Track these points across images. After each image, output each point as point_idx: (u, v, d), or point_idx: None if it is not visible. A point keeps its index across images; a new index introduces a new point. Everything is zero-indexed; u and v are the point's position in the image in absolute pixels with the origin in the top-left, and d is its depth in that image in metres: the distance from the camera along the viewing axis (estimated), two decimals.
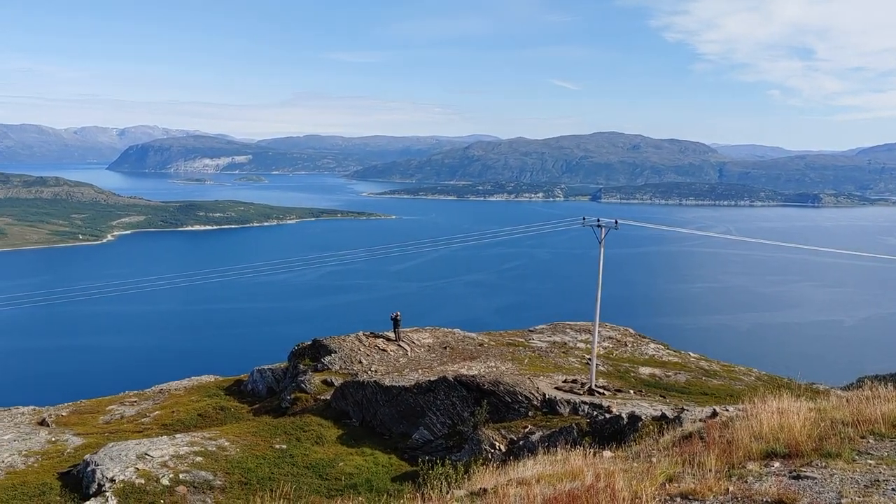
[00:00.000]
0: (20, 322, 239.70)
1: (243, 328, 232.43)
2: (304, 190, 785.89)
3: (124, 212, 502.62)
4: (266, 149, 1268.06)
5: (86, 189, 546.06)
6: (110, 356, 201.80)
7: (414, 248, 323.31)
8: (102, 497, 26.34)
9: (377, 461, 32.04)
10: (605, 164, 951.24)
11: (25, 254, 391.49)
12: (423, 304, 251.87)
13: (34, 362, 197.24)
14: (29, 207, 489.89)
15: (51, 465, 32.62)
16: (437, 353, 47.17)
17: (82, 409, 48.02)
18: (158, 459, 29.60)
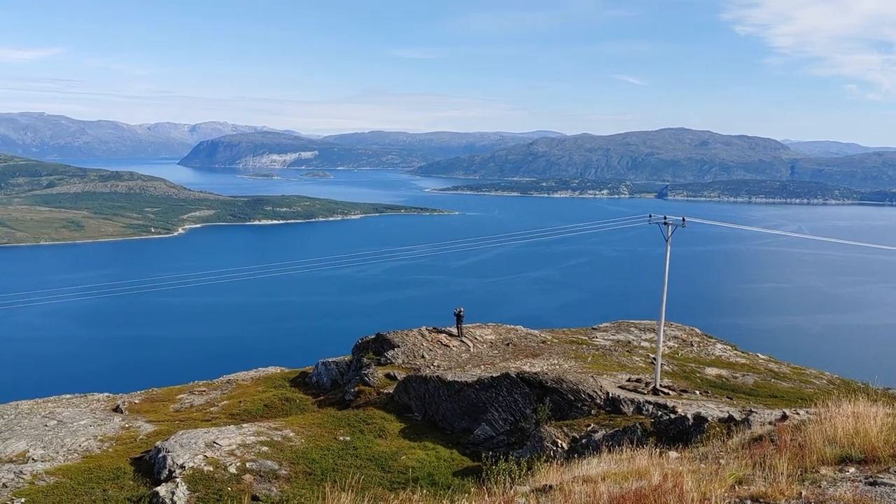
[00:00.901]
0: (96, 312, 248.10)
1: (308, 321, 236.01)
2: (369, 185, 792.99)
3: (195, 206, 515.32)
4: (332, 145, 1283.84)
5: (158, 183, 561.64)
6: (181, 346, 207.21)
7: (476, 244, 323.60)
8: (173, 483, 27.09)
9: (439, 455, 32.18)
10: (672, 161, 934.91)
11: (101, 246, 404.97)
12: (486, 300, 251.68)
13: (109, 351, 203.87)
14: (105, 201, 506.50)
15: (124, 450, 33.67)
16: (500, 350, 47.11)
17: (154, 397, 49.43)
18: (226, 448, 30.29)
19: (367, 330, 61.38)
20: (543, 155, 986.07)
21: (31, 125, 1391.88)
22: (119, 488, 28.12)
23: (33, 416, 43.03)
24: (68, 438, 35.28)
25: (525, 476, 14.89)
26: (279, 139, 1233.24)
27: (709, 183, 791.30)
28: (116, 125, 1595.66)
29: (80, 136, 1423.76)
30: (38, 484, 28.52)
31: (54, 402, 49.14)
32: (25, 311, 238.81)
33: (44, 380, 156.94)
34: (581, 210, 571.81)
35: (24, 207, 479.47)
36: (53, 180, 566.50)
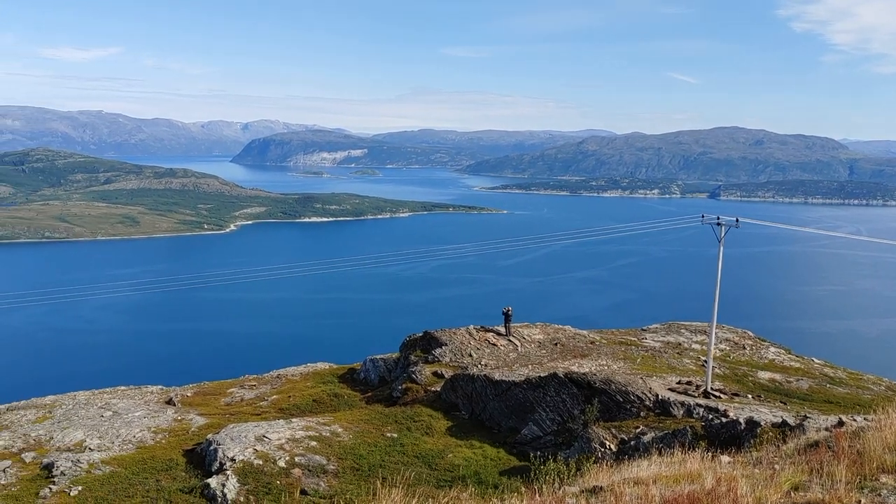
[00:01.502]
0: (150, 306, 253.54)
1: (356, 318, 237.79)
2: (417, 184, 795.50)
3: (246, 203, 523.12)
4: (381, 143, 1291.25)
5: (211, 181, 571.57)
6: (231, 341, 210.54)
7: (525, 243, 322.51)
8: (223, 475, 27.52)
9: (486, 454, 32.13)
10: (725, 161, 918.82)
11: (156, 241, 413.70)
12: (534, 299, 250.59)
13: (162, 344, 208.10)
14: (159, 197, 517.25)
15: (177, 441, 34.32)
16: (548, 350, 46.85)
17: (205, 390, 50.29)
18: (275, 442, 30.67)
19: (414, 327, 61.60)
20: (593, 154, 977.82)
21: (90, 123, 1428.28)
22: (171, 479, 28.67)
23: (90, 407, 44.14)
24: (123, 429, 36.10)
25: (574, 477, 14.78)
26: (329, 137, 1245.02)
27: (763, 183, 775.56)
28: (171, 123, 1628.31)
29: (137, 133, 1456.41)
30: (95, 473, 29.24)
31: (110, 393, 50.36)
32: (84, 304, 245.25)
33: (100, 371, 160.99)
34: (631, 210, 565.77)
35: (83, 203, 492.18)
36: (110, 177, 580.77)
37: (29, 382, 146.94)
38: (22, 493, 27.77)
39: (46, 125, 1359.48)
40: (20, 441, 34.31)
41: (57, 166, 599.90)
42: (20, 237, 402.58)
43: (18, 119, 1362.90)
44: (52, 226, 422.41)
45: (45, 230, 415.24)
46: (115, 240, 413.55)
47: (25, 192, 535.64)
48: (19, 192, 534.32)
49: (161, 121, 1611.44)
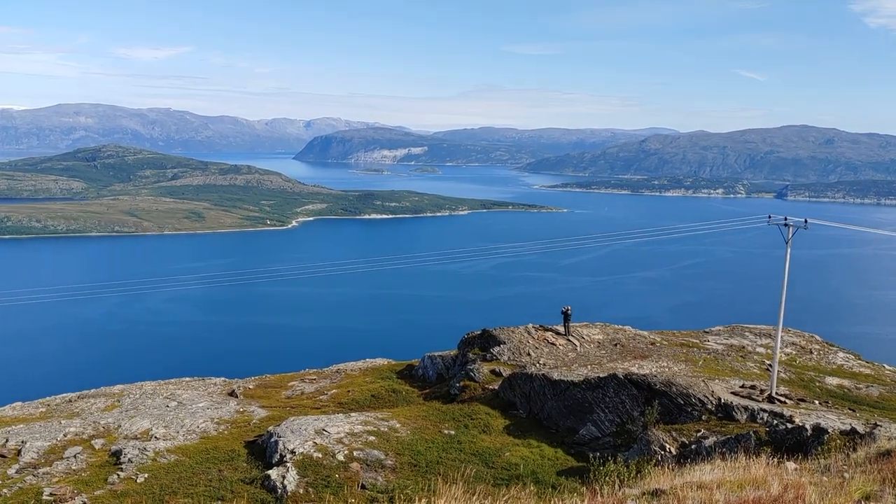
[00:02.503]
0: (214, 299, 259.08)
1: (414, 314, 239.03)
2: (477, 182, 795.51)
3: (308, 199, 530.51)
4: (441, 140, 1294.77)
5: (274, 177, 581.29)
6: (292, 335, 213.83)
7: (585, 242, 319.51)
8: (284, 467, 27.95)
9: (543, 454, 31.95)
10: (794, 160, 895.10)
11: (220, 236, 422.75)
12: (593, 299, 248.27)
13: (226, 337, 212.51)
14: (224, 193, 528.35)
15: (238, 433, 34.99)
16: (607, 350, 46.36)
17: (267, 383, 51.16)
18: (334, 436, 31.02)
19: (472, 325, 61.60)
20: (656, 152, 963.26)
21: (159, 120, 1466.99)
22: (233, 470, 29.25)
23: (156, 397, 45.36)
24: (188, 419, 36.97)
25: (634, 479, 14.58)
26: (390, 135, 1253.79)
27: (833, 183, 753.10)
28: (236, 121, 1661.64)
29: (203, 130, 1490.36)
30: (160, 461, 30.03)
31: (175, 384, 51.66)
32: (151, 296, 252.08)
33: (165, 362, 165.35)
34: (694, 209, 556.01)
35: (151, 198, 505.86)
36: (177, 173, 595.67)
37: (99, 371, 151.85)
38: (92, 479, 28.68)
39: (118, 122, 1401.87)
40: (90, 428, 35.43)
41: (127, 162, 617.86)
42: (91, 231, 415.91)
43: (92, 117, 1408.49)
44: (121, 220, 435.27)
45: (115, 224, 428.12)
46: (181, 234, 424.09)
47: (97, 188, 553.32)
48: (91, 188, 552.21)
49: (227, 118, 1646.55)
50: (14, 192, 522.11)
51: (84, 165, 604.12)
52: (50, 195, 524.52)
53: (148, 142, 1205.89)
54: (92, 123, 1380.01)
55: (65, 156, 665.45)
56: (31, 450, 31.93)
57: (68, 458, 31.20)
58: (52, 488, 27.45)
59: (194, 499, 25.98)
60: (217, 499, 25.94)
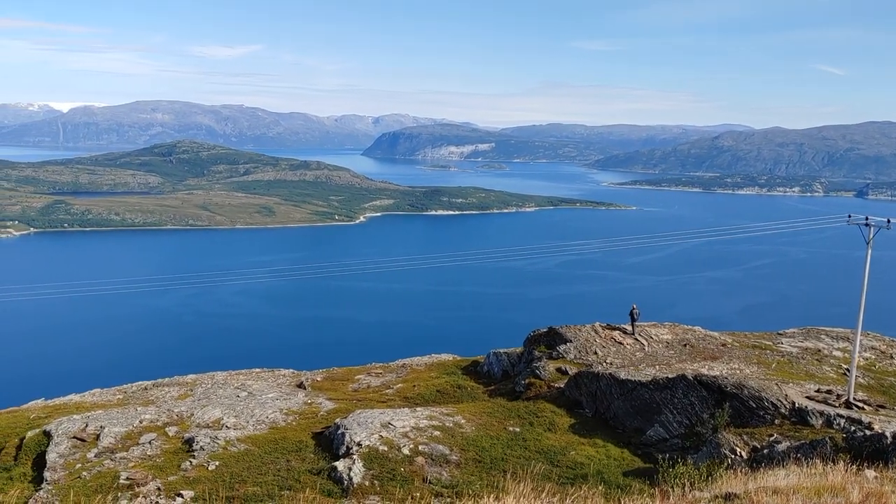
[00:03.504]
0: (284, 292, 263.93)
1: (479, 311, 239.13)
2: (544, 178, 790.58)
3: (375, 195, 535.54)
4: (509, 137, 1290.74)
5: (343, 173, 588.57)
6: (359, 329, 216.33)
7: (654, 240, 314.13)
8: (350, 459, 28.29)
9: (609, 454, 31.58)
10: (875, 158, 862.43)
11: (289, 231, 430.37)
12: (661, 298, 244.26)
13: (294, 329, 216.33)
14: (294, 189, 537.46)
15: (306, 424, 35.55)
16: (676, 350, 45.54)
17: (334, 375, 51.87)
18: (400, 430, 31.25)
19: (537, 323, 61.31)
20: (729, 149, 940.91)
21: (232, 117, 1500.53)
22: (301, 460, 29.74)
23: (227, 387, 46.47)
24: (257, 410, 37.74)
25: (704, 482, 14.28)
26: (457, 131, 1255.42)
27: None
28: (306, 117, 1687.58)
29: (274, 127, 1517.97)
30: (231, 450, 30.74)
31: (245, 374, 52.82)
32: (222, 288, 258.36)
33: (236, 353, 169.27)
34: (768, 208, 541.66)
35: (223, 193, 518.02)
36: (249, 168, 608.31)
37: (173, 360, 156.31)
38: (166, 465, 29.56)
39: (192, 119, 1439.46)
40: (164, 416, 36.50)
41: (201, 158, 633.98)
42: (167, 224, 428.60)
43: (168, 113, 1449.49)
44: (195, 214, 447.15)
45: (189, 218, 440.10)
46: (251, 228, 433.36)
47: (172, 182, 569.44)
48: (167, 182, 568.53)
49: (297, 115, 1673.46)
50: (95, 186, 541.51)
51: (160, 160, 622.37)
52: (128, 189, 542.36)
53: (221, 138, 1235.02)
54: (168, 120, 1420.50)
55: (142, 151, 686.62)
56: (109, 435, 33.06)
57: (144, 444, 32.21)
58: (129, 472, 28.37)
59: (263, 488, 26.51)
60: (285, 488, 26.41)
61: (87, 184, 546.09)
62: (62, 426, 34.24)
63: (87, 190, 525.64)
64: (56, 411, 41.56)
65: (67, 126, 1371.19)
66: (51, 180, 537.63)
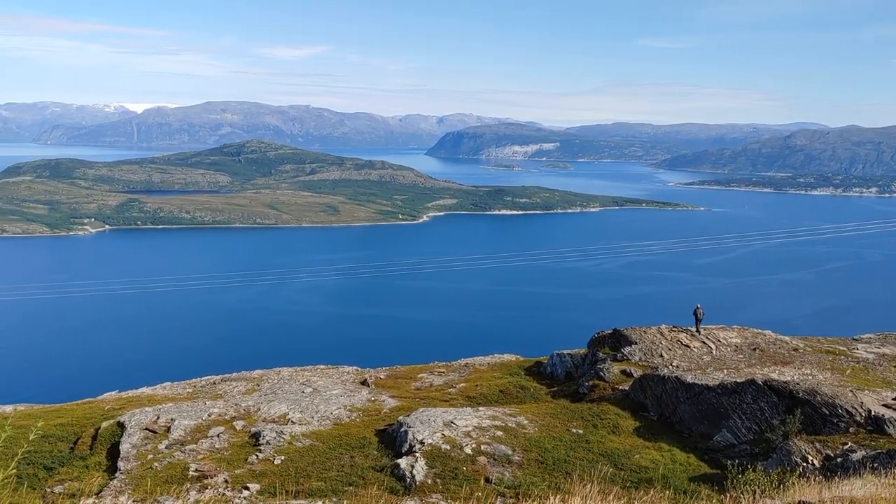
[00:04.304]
0: (348, 290, 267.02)
1: (542, 311, 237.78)
2: (609, 178, 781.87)
3: (439, 195, 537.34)
4: (573, 136, 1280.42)
5: (406, 173, 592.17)
6: (422, 327, 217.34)
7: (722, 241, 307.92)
8: (413, 457, 28.42)
9: (674, 458, 31.02)
10: None
11: (354, 229, 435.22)
12: (730, 301, 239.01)
13: (358, 327, 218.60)
14: (358, 188, 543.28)
15: (370, 421, 35.86)
16: (745, 354, 44.46)
17: (397, 374, 52.20)
18: (462, 429, 31.26)
19: (601, 324, 60.62)
20: (802, 149, 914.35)
21: (299, 117, 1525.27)
22: (364, 457, 30.00)
23: (292, 383, 47.19)
24: (322, 406, 38.23)
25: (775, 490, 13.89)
26: (521, 130, 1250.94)
27: None
28: (371, 117, 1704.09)
29: (340, 127, 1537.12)
30: (296, 445, 31.22)
31: (310, 371, 53.57)
32: (288, 286, 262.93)
33: (300, 349, 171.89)
34: (844, 209, 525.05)
35: (290, 192, 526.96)
36: (315, 167, 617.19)
37: (240, 356, 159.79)
38: (233, 458, 30.19)
39: (260, 119, 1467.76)
40: (232, 410, 37.29)
41: (268, 157, 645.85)
42: (235, 222, 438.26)
43: (237, 114, 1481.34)
44: (262, 213, 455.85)
45: (257, 217, 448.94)
46: (317, 227, 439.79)
47: (241, 181, 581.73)
48: (235, 181, 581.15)
49: (362, 115, 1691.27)
50: (167, 185, 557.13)
51: (229, 160, 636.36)
52: (198, 188, 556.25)
53: (288, 138, 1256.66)
54: (237, 120, 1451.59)
55: (212, 151, 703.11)
56: (180, 427, 33.94)
57: (212, 437, 32.95)
58: (197, 464, 29.06)
59: (327, 483, 26.83)
60: (349, 484, 26.68)
61: (160, 183, 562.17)
62: (135, 418, 35.29)
63: (159, 189, 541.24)
64: (129, 403, 42.86)
65: (141, 126, 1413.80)
66: (125, 179, 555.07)
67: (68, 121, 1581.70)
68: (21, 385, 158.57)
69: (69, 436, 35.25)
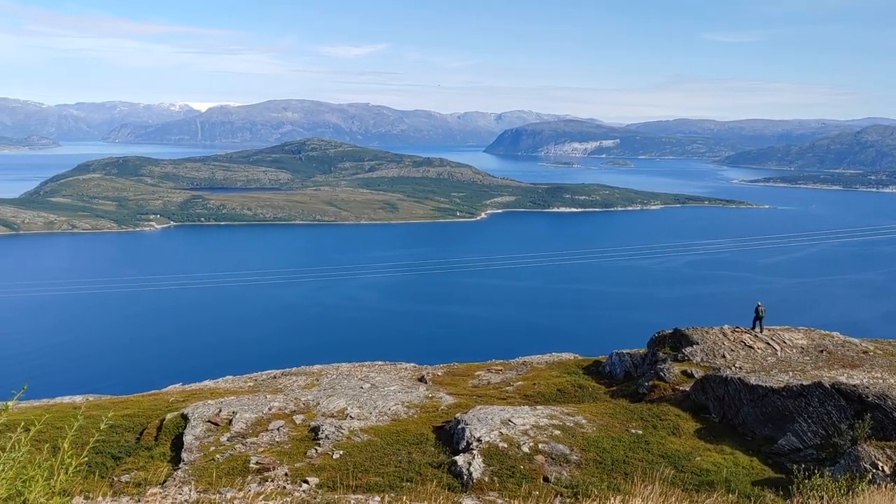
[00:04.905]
0: (406, 287, 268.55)
1: (601, 310, 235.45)
2: (671, 175, 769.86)
3: (497, 192, 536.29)
4: (634, 133, 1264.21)
5: (465, 170, 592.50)
6: (479, 324, 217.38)
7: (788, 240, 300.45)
8: (470, 454, 28.41)
9: (737, 461, 30.37)
10: None
11: (411, 227, 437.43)
12: (795, 301, 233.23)
13: (415, 323, 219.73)
14: (417, 185, 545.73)
15: (427, 418, 35.98)
16: (811, 357, 43.28)
17: (454, 371, 52.28)
18: (520, 427, 31.13)
19: (661, 324, 59.76)
20: (873, 144, 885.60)
21: (358, 115, 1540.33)
22: (422, 453, 30.12)
23: (351, 378, 47.67)
24: (380, 401, 38.52)
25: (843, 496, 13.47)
26: (581, 127, 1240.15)
27: None
28: (430, 114, 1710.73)
29: (398, 124, 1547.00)
30: (354, 440, 31.50)
31: (368, 366, 54.04)
32: (347, 282, 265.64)
33: (359, 345, 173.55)
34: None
35: (349, 189, 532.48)
36: (374, 165, 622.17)
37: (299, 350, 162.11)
38: (293, 451, 30.63)
39: (320, 117, 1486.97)
40: (292, 404, 37.83)
41: (328, 155, 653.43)
42: (295, 219, 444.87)
43: (298, 112, 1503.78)
44: (322, 209, 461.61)
45: (317, 213, 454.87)
46: (375, 224, 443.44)
47: (301, 178, 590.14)
48: (296, 178, 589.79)
49: (420, 112, 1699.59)
50: (230, 182, 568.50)
51: (290, 158, 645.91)
52: (260, 185, 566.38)
53: (348, 135, 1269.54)
54: (298, 118, 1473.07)
55: (273, 149, 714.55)
56: (241, 420, 34.58)
57: (272, 430, 33.49)
58: (258, 457, 29.56)
59: (385, 478, 27.01)
60: (406, 480, 26.81)
61: (223, 180, 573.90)
62: (198, 410, 36.07)
63: (222, 186, 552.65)
64: (192, 396, 43.87)
65: (205, 125, 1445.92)
66: (189, 176, 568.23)
67: (135, 119, 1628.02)
68: (90, 376, 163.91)
69: (135, 426, 36.22)
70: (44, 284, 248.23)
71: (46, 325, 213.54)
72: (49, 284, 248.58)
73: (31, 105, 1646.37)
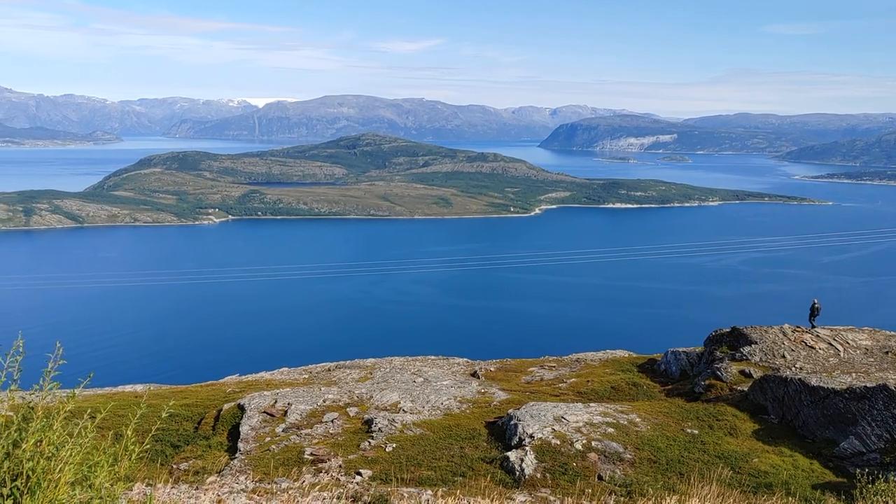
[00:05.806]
0: (458, 281, 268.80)
1: (656, 308, 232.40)
2: (729, 171, 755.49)
3: (551, 187, 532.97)
4: (692, 128, 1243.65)
5: (519, 165, 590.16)
6: (531, 321, 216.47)
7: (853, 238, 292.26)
8: (522, 450, 28.34)
9: (796, 464, 29.68)
10: None
11: (465, 222, 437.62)
12: (859, 301, 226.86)
13: (468, 318, 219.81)
14: (470, 180, 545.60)
15: (480, 413, 35.99)
16: (876, 358, 42.03)
17: (507, 366, 52.15)
18: (573, 424, 30.92)
19: (718, 322, 58.81)
20: None
21: (412, 110, 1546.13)
22: (474, 448, 30.14)
23: (404, 372, 47.93)
24: (433, 396, 38.66)
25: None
26: (637, 122, 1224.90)
27: None
28: (484, 109, 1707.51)
29: (453, 119, 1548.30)
30: (407, 433, 31.69)
31: (421, 361, 54.28)
32: (400, 276, 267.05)
33: (412, 339, 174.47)
34: None
35: (403, 184, 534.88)
36: (428, 160, 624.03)
37: (353, 343, 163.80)
38: (346, 443, 30.96)
39: (375, 112, 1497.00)
40: (346, 397, 38.23)
41: (383, 150, 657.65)
42: (350, 214, 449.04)
43: (353, 107, 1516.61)
44: (376, 204, 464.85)
45: (371, 208, 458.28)
46: (429, 219, 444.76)
47: (356, 173, 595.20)
48: (351, 173, 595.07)
49: (475, 107, 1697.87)
50: (286, 177, 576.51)
51: (345, 153, 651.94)
52: (315, 180, 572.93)
53: (402, 130, 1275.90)
54: (353, 113, 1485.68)
55: (328, 144, 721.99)
56: (296, 412, 35.08)
57: (326, 422, 33.90)
58: (312, 448, 29.95)
59: (437, 472, 27.11)
60: (459, 474, 26.86)
61: (279, 175, 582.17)
62: (254, 401, 36.71)
63: (278, 180, 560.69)
64: (249, 387, 44.65)
65: (262, 120, 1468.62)
66: (247, 171, 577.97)
67: (195, 115, 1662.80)
68: (151, 366, 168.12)
69: (194, 416, 37.03)
70: (107, 275, 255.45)
71: (111, 315, 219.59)
72: (112, 276, 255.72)
73: (95, 101, 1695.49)
